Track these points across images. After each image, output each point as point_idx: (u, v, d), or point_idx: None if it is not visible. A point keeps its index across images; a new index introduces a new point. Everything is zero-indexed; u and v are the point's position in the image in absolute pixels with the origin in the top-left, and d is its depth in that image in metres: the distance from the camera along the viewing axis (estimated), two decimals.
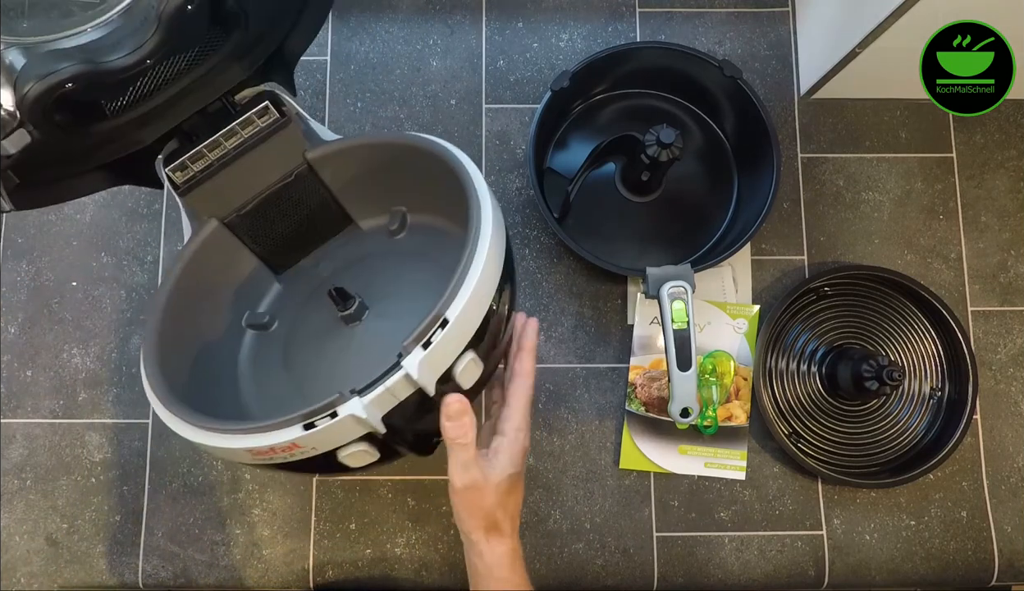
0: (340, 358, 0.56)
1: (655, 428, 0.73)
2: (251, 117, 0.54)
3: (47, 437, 0.74)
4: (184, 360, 0.53)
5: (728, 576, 0.72)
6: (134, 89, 0.48)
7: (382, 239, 0.62)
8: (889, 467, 0.73)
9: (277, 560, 0.72)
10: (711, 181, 0.79)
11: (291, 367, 0.57)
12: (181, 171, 0.54)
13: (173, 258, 0.77)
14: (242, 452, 0.43)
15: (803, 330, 0.76)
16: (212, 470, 0.73)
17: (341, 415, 0.41)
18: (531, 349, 0.52)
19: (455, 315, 0.43)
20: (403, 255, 0.61)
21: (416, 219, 0.61)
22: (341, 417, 0.41)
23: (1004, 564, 0.73)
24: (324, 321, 0.58)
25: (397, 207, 0.61)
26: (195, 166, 0.54)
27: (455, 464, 0.46)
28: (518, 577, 0.49)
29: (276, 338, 0.60)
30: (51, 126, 0.44)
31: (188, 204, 0.56)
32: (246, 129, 0.55)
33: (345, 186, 0.60)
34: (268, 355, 0.59)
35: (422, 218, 0.61)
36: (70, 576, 0.72)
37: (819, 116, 0.80)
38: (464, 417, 0.45)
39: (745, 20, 0.82)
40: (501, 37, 0.82)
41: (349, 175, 0.59)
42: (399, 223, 0.61)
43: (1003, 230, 0.79)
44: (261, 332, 0.61)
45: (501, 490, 0.48)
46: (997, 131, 0.81)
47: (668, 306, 0.60)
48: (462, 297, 0.44)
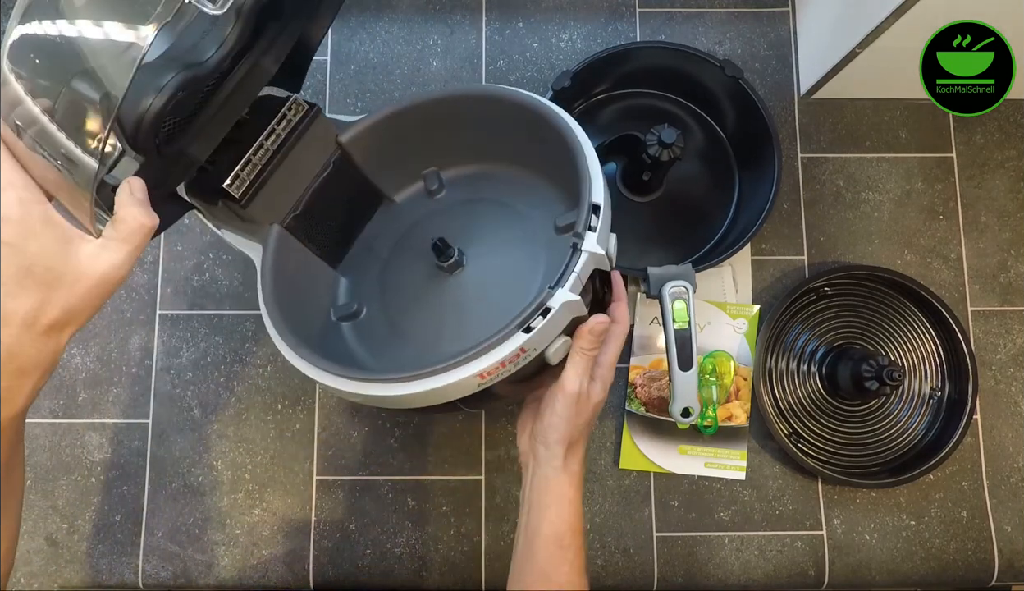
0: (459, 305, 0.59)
1: (655, 428, 0.73)
2: (284, 113, 0.55)
3: (47, 437, 0.74)
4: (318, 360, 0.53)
5: (728, 576, 0.72)
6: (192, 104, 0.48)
7: (423, 203, 0.64)
8: (889, 467, 0.73)
9: (277, 560, 0.72)
10: (712, 181, 0.79)
11: (406, 336, 0.58)
12: (235, 183, 0.54)
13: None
14: (471, 380, 0.45)
15: (803, 330, 0.76)
16: (212, 470, 0.73)
17: (555, 307, 0.45)
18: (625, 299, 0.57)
19: (600, 200, 0.49)
20: (453, 208, 0.63)
21: (450, 174, 0.64)
22: (556, 308, 0.45)
23: (1004, 564, 0.73)
24: (417, 285, 0.60)
25: (428, 168, 0.64)
26: (246, 174, 0.54)
27: (574, 370, 0.50)
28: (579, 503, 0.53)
29: (373, 320, 0.61)
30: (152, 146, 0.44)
31: (250, 216, 0.55)
32: (282, 126, 0.55)
33: (375, 164, 0.62)
34: (375, 336, 0.60)
35: (455, 171, 0.64)
36: (70, 576, 0.72)
37: (819, 116, 0.81)
38: (601, 337, 0.50)
39: (745, 20, 0.82)
40: (501, 37, 0.82)
41: (377, 151, 0.61)
42: (437, 183, 0.64)
43: (1003, 230, 0.79)
44: (355, 322, 0.61)
45: (594, 409, 0.52)
46: (997, 131, 0.81)
47: (669, 306, 0.60)
48: (597, 185, 0.49)
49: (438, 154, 0.63)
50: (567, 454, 0.52)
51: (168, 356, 0.75)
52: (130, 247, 0.37)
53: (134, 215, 0.37)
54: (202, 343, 0.75)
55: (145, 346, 0.75)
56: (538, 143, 0.55)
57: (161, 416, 0.74)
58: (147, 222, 0.38)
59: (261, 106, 0.55)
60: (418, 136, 0.61)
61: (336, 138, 0.58)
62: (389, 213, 0.65)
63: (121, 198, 0.38)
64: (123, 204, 0.38)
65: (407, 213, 0.64)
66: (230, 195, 0.53)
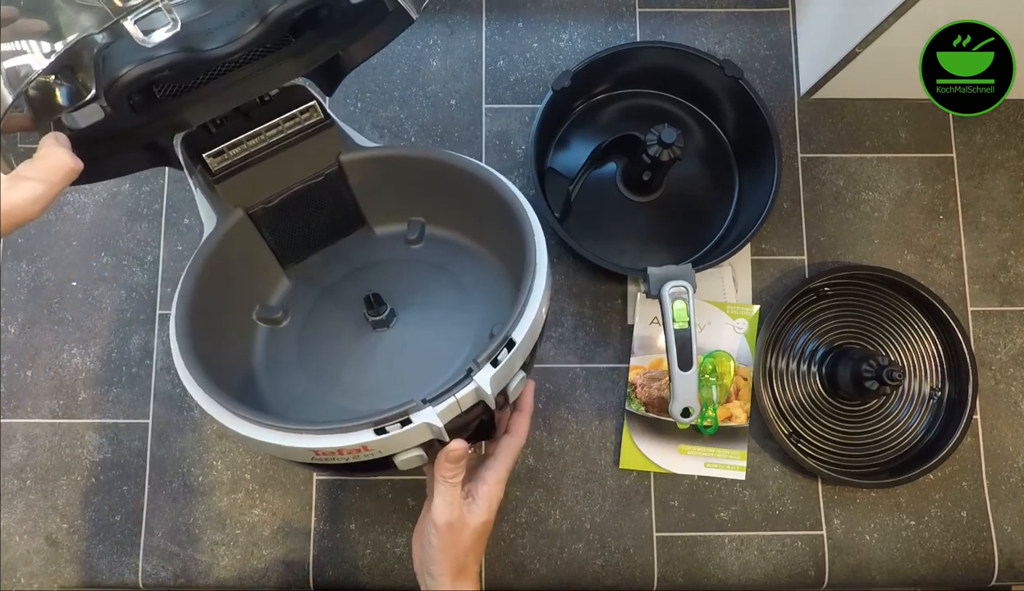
0: (366, 362, 0.58)
1: (655, 428, 0.73)
2: (296, 114, 0.54)
3: (47, 437, 0.74)
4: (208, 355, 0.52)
5: (728, 576, 0.72)
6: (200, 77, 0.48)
7: (397, 246, 0.63)
8: (889, 467, 0.73)
9: (277, 560, 0.72)
10: (712, 181, 0.80)
11: (308, 367, 0.58)
12: (217, 158, 0.53)
13: (186, 251, 0.77)
14: (306, 451, 0.44)
15: (803, 330, 0.76)
16: (212, 470, 0.73)
17: (415, 422, 0.43)
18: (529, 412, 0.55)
19: (520, 337, 0.46)
20: (421, 265, 0.62)
21: (433, 231, 0.63)
22: (415, 424, 0.43)
23: (1004, 564, 0.73)
24: (341, 322, 0.59)
25: (416, 217, 0.63)
26: (233, 154, 0.53)
27: (442, 501, 0.48)
28: None
29: (288, 335, 0.60)
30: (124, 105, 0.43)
31: (219, 192, 0.54)
32: (288, 124, 0.54)
33: (368, 191, 0.61)
34: (282, 352, 0.59)
35: (439, 230, 0.63)
36: (70, 576, 0.72)
37: (819, 116, 0.81)
38: (462, 461, 0.47)
39: (745, 20, 0.82)
40: (501, 37, 0.82)
41: (374, 181, 0.60)
42: (418, 233, 0.63)
43: (1003, 230, 0.79)
44: (272, 327, 0.60)
45: (476, 534, 0.50)
46: (997, 131, 0.81)
47: (669, 306, 0.61)
48: (526, 321, 0.47)
49: (431, 209, 0.62)
50: (455, 583, 0.49)
51: (168, 356, 0.75)
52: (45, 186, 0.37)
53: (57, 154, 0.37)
54: None
55: (145, 346, 0.75)
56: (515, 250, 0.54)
57: (161, 416, 0.74)
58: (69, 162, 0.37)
59: (285, 95, 0.54)
60: (417, 186, 0.60)
61: (338, 155, 0.57)
62: (363, 241, 0.64)
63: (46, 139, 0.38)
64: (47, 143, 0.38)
65: (379, 249, 0.64)
66: (206, 166, 0.53)
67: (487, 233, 0.61)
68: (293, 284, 0.63)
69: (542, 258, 0.51)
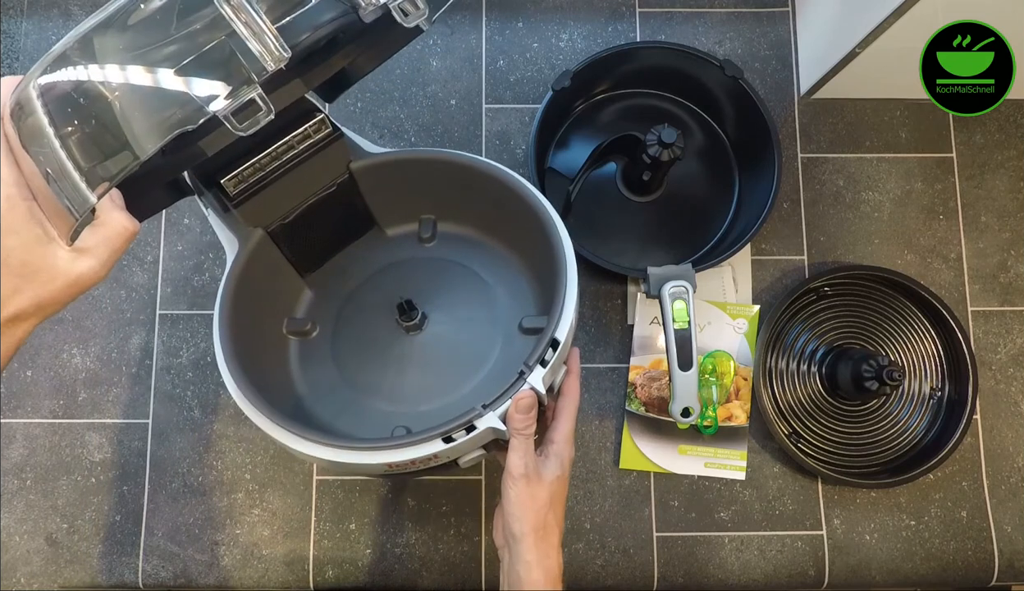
0: (403, 366, 0.59)
1: (655, 428, 0.73)
2: (307, 130, 0.54)
3: (47, 437, 0.74)
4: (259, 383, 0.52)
5: (728, 576, 0.72)
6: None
7: (411, 245, 0.64)
8: (889, 467, 0.73)
9: (277, 560, 0.72)
10: (712, 181, 0.79)
11: (347, 376, 0.59)
12: (233, 180, 0.53)
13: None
14: (381, 466, 0.47)
15: (803, 330, 0.76)
16: (212, 470, 0.73)
17: (480, 428, 0.46)
18: (578, 373, 0.56)
19: (563, 336, 0.49)
20: (437, 262, 0.63)
21: (445, 228, 0.64)
22: (480, 430, 0.46)
23: (1004, 564, 0.73)
24: (371, 329, 0.60)
25: (427, 215, 0.64)
26: (248, 175, 0.54)
27: (516, 454, 0.49)
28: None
29: (320, 347, 0.61)
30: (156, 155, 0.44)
31: (238, 214, 0.55)
32: (299, 140, 0.55)
33: (378, 195, 0.62)
34: (318, 365, 0.60)
35: (450, 227, 0.64)
36: (70, 576, 0.72)
37: (819, 116, 0.81)
38: (532, 411, 0.48)
39: (745, 20, 0.82)
40: (501, 37, 0.82)
41: (385, 185, 0.61)
42: (431, 231, 0.64)
43: (1003, 230, 0.79)
44: (303, 340, 0.61)
45: (552, 490, 0.50)
46: (997, 131, 0.81)
47: (669, 306, 0.60)
48: (566, 320, 0.49)
49: (441, 207, 0.64)
50: (538, 545, 0.49)
51: (168, 356, 0.75)
52: (110, 251, 0.37)
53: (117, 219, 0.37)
54: (202, 343, 0.75)
55: (145, 346, 0.75)
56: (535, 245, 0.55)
57: (161, 416, 0.74)
58: (129, 226, 0.38)
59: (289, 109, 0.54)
60: (427, 186, 0.61)
61: (348, 163, 0.58)
62: (376, 242, 0.65)
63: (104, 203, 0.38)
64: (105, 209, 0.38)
65: (393, 249, 0.65)
66: (224, 191, 0.53)
67: (498, 226, 0.61)
68: (315, 294, 0.63)
69: (571, 256, 0.52)
